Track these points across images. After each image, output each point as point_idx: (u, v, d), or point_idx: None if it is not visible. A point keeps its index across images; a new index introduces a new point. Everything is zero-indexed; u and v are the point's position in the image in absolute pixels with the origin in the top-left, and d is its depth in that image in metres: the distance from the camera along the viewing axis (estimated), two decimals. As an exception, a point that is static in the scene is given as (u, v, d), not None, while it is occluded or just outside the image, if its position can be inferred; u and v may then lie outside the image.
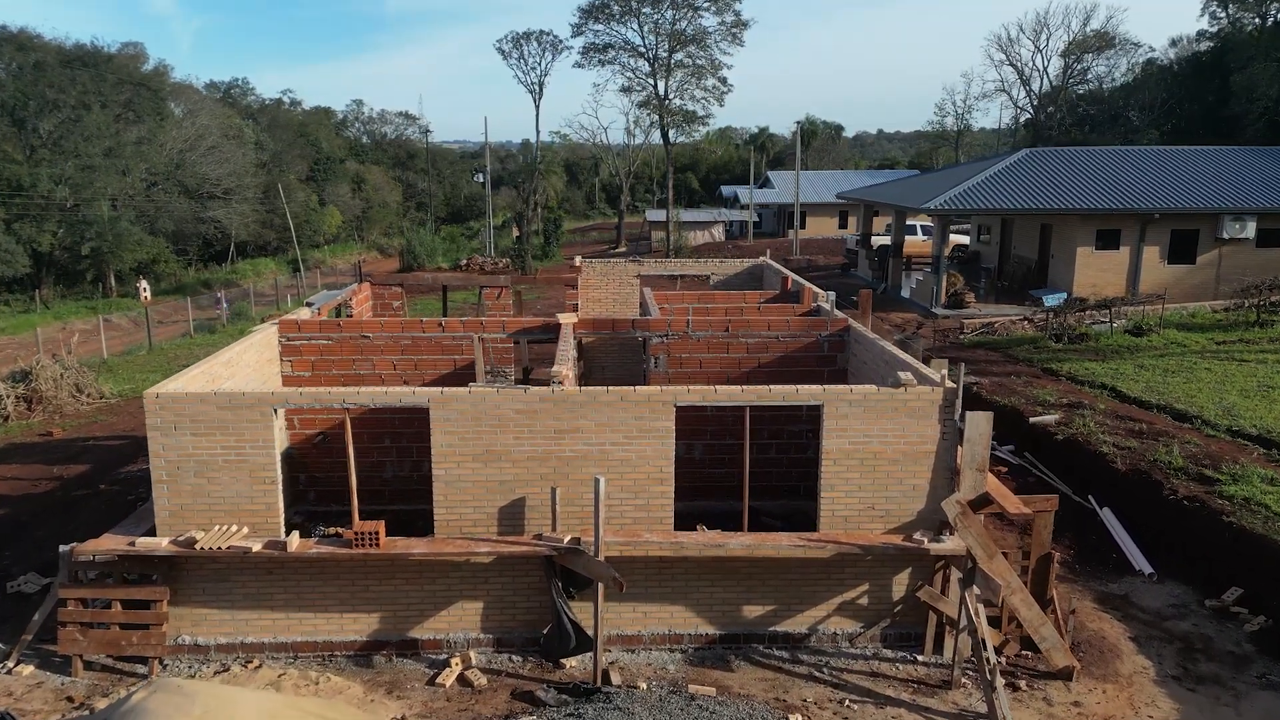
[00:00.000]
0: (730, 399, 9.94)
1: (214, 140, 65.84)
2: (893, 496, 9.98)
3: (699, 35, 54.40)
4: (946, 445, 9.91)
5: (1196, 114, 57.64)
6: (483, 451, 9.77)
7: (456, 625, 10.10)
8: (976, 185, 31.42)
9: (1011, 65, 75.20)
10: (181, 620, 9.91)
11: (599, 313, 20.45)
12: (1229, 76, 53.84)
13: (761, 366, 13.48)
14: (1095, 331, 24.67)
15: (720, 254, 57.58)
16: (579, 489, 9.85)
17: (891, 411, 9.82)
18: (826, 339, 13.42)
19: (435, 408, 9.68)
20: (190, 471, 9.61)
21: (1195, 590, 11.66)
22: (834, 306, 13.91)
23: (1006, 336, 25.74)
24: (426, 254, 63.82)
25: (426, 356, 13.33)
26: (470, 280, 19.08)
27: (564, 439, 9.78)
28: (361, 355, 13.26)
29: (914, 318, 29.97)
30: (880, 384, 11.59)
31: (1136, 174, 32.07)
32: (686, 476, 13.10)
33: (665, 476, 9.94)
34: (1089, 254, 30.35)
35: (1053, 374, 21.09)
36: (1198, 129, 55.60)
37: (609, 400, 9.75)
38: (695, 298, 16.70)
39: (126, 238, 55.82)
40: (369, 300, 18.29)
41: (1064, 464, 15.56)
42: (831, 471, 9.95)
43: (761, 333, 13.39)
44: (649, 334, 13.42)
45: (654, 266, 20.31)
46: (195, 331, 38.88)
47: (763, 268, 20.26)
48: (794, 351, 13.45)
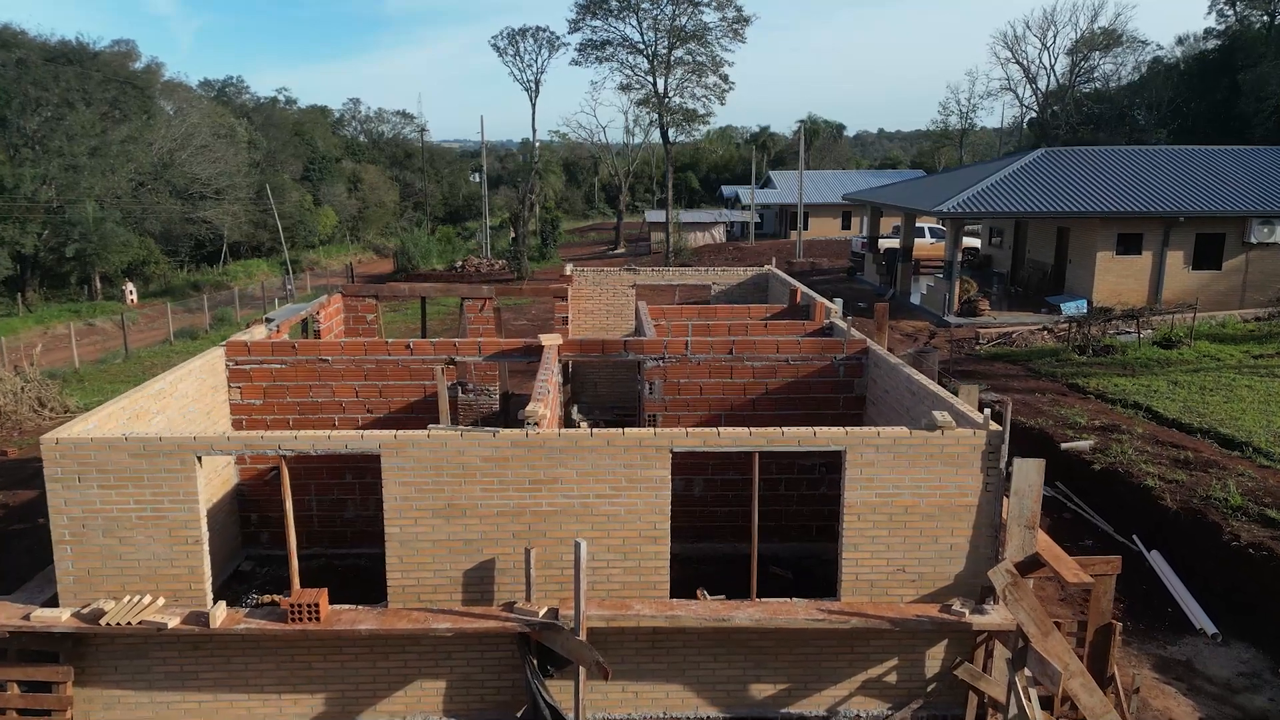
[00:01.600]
0: (736, 443, 8.46)
1: (204, 139, 64.38)
2: (926, 558, 8.51)
3: (699, 31, 52.84)
4: (990, 498, 8.44)
5: (1203, 113, 56.53)
6: (444, 506, 8.29)
7: (415, 707, 8.62)
8: (991, 187, 29.93)
9: (1018, 63, 73.80)
10: (91, 703, 8.44)
11: (592, 324, 18.99)
12: (1237, 75, 52.66)
13: (769, 393, 12.00)
14: (1121, 343, 23.18)
15: (721, 256, 56.10)
16: (558, 549, 8.37)
17: (926, 459, 8.34)
18: (842, 362, 11.94)
19: (388, 454, 8.20)
20: (98, 530, 8.14)
21: (1266, 654, 10.18)
22: (850, 326, 12.41)
23: (1026, 348, 24.24)
24: (421, 256, 62.39)
25: (393, 382, 11.85)
26: (453, 289, 17.59)
27: (540, 491, 8.31)
28: (319, 381, 11.78)
29: (925, 326, 28.49)
30: (904, 417, 10.14)
31: (1158, 175, 30.57)
32: (686, 516, 11.66)
33: (660, 534, 8.47)
34: (1110, 259, 28.85)
35: (1079, 391, 19.60)
36: (1204, 128, 54.52)
37: (593, 445, 8.27)
38: (695, 312, 15.22)
39: (112, 239, 54.39)
40: (340, 313, 16.81)
41: (1102, 497, 14.08)
42: (855, 529, 8.47)
43: (769, 355, 11.91)
44: (643, 357, 11.94)
45: (650, 275, 18.83)
46: (176, 338, 37.41)
47: (768, 277, 18.78)
48: (806, 376, 11.97)
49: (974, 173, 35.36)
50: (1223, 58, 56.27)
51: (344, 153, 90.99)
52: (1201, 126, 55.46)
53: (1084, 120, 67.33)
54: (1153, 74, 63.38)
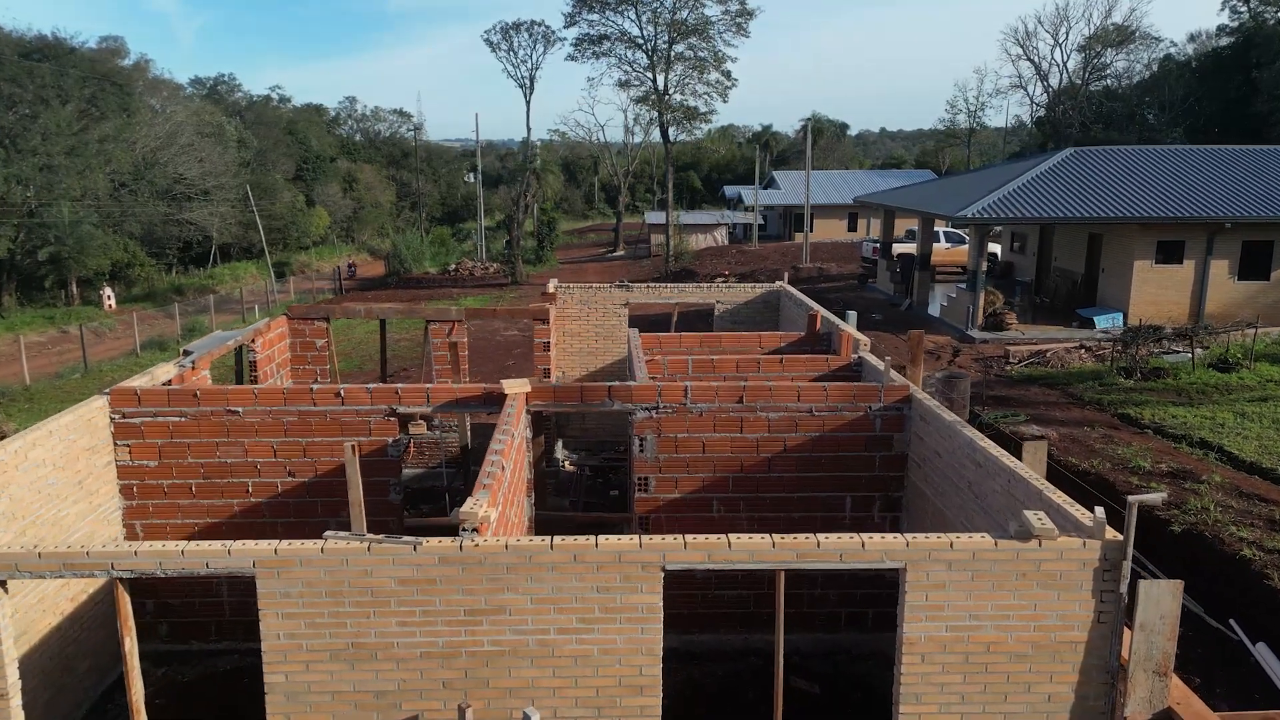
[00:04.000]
0: (755, 555, 6.12)
1: (189, 138, 62.07)
2: (1017, 712, 6.18)
3: (701, 25, 50.43)
4: (1104, 632, 6.11)
5: (1216, 112, 54.83)
6: (346, 646, 5.97)
7: None
8: (1018, 190, 27.55)
9: (1029, 60, 71.47)
10: None
11: (578, 349, 16.65)
12: (1252, 73, 50.83)
13: (788, 450, 9.67)
14: (1171, 365, 20.83)
15: (724, 259, 53.66)
16: (505, 704, 6.05)
17: (1016, 579, 6.01)
18: (879, 414, 9.61)
19: (265, 576, 5.88)
20: None
21: None
22: (889, 367, 10.05)
23: (1063, 369, 21.89)
24: (413, 258, 60.11)
25: (320, 439, 9.53)
26: (416, 310, 15.28)
27: (481, 624, 5.99)
28: (228, 437, 9.46)
29: (947, 342, 26.12)
30: (965, 494, 7.84)
31: (1201, 176, 28.19)
32: (684, 600, 9.37)
33: (648, 683, 6.14)
34: (1148, 268, 26.47)
35: (1133, 423, 17.25)
36: (1217, 127, 52.90)
37: (554, 561, 5.95)
38: (696, 342, 12.88)
39: (89, 242, 52.17)
40: (285, 339, 14.49)
41: (1183, 564, 11.74)
42: (916, 673, 6.14)
43: (788, 405, 9.58)
44: (632, 407, 9.62)
45: (645, 294, 16.48)
46: (144, 349, 35.12)
47: (779, 295, 16.44)
48: (834, 430, 9.64)
49: (995, 174, 32.99)
50: (1236, 55, 54.61)
51: (339, 152, 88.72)
52: (1214, 126, 54.04)
53: (1095, 119, 65.22)
54: (1164, 72, 61.44)
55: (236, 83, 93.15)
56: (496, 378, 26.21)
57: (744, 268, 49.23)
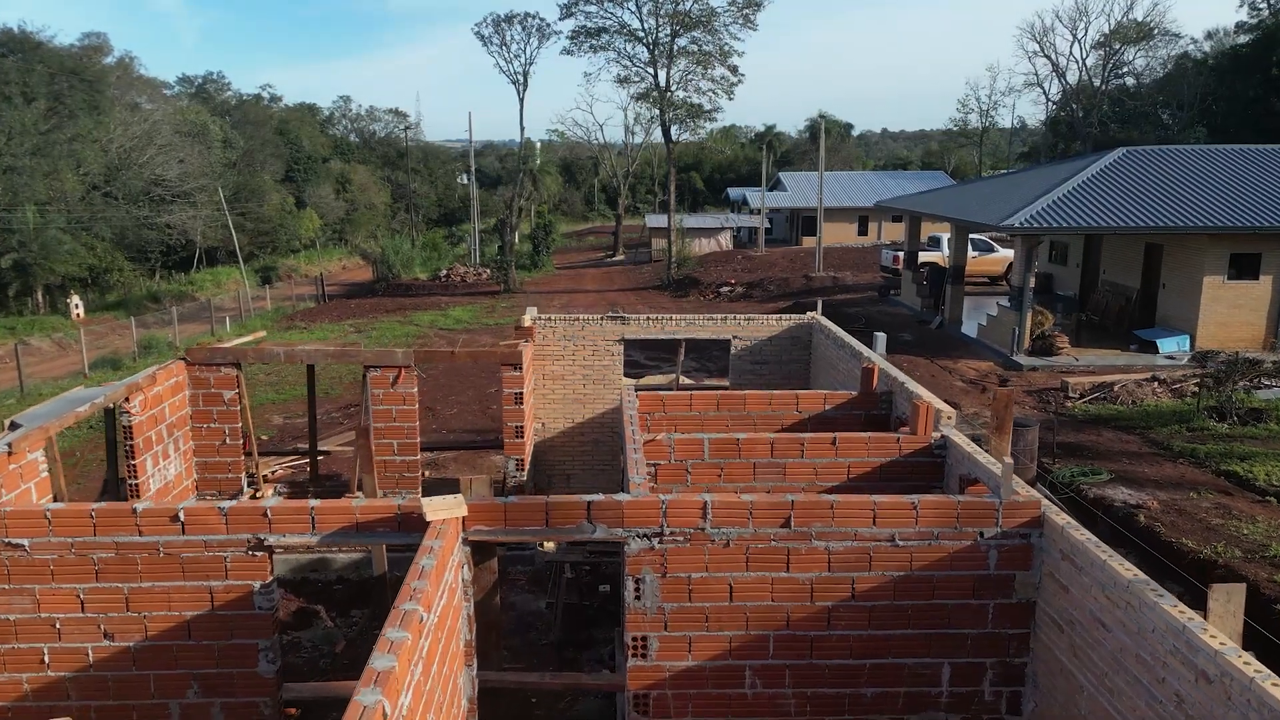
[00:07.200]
0: None
1: (167, 138, 58.89)
2: None
3: (706, 17, 47.10)
4: None
5: (1234, 111, 52.25)
6: None
7: None
8: (1067, 195, 24.31)
9: (1046, 56, 68.26)
10: None
11: (561, 396, 13.42)
12: (1271, 71, 48.51)
13: (857, 598, 6.46)
14: (1269, 403, 17.60)
15: (729, 265, 50.37)
16: None
17: None
18: (994, 544, 6.39)
19: None
20: None
21: None
22: (1009, 469, 6.75)
23: (1135, 405, 18.66)
24: (402, 264, 56.97)
25: (150, 584, 6.31)
26: (349, 355, 12.00)
27: None
28: (10, 584, 6.24)
29: (992, 368, 22.87)
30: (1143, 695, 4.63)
31: (1274, 179, 24.95)
32: None
33: None
34: (1218, 285, 23.21)
35: (1244, 485, 14.01)
36: (1235, 127, 50.30)
37: None
38: (713, 404, 9.61)
39: (55, 247, 49.07)
40: (184, 390, 11.25)
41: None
42: None
43: (859, 531, 6.37)
44: (625, 533, 6.40)
45: (645, 327, 13.22)
46: (93, 369, 31.88)
47: (812, 330, 13.20)
48: (924, 568, 6.43)
49: (1037, 177, 29.73)
50: (1256, 53, 51.95)
51: (332, 152, 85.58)
52: (1232, 125, 51.46)
53: (1113, 117, 62.25)
54: (1180, 70, 58.56)
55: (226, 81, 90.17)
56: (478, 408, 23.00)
57: (751, 275, 45.96)
